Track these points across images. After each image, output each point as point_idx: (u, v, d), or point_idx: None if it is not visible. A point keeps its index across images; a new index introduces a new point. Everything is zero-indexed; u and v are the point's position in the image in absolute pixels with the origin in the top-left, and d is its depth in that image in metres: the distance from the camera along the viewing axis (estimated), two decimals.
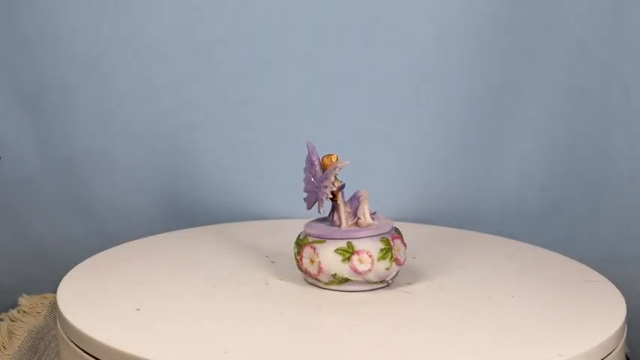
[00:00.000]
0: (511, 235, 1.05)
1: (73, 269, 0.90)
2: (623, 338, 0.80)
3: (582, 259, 0.96)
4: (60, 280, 0.87)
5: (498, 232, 1.08)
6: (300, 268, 0.86)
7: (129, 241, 1.00)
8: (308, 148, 0.87)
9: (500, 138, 1.11)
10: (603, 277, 0.90)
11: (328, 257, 0.84)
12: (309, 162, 0.87)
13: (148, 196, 1.13)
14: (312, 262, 0.85)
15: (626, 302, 0.84)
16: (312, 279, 0.86)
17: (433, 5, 1.07)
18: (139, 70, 1.09)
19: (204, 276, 0.89)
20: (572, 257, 0.97)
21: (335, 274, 0.84)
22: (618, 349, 0.78)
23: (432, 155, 1.11)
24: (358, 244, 0.84)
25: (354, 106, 1.10)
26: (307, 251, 0.85)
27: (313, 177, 0.87)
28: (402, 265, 0.86)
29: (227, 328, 0.77)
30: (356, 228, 0.86)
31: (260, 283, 0.87)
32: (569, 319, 0.80)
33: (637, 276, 1.05)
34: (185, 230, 1.05)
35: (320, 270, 0.84)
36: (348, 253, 0.84)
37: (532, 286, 0.88)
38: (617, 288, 0.87)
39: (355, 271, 0.84)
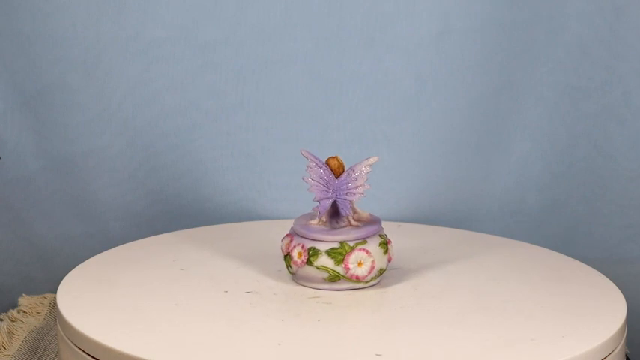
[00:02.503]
0: (511, 235, 1.05)
1: (73, 269, 0.90)
2: (623, 338, 0.80)
3: (582, 259, 0.96)
4: (60, 280, 0.87)
5: (498, 233, 1.08)
6: (340, 276, 0.85)
7: (129, 241, 1.00)
8: (307, 157, 0.86)
9: (500, 138, 1.11)
10: (604, 277, 0.90)
11: (377, 254, 0.85)
12: (316, 168, 0.85)
13: (148, 196, 1.13)
14: (360, 264, 0.85)
15: (627, 302, 0.84)
16: (356, 282, 0.85)
17: (433, 5, 1.07)
18: (138, 70, 1.09)
19: (205, 277, 0.89)
20: (572, 257, 0.96)
21: (381, 269, 0.86)
22: (618, 349, 0.78)
23: (432, 155, 1.11)
24: (386, 235, 0.87)
25: (354, 106, 1.10)
26: (356, 255, 0.85)
27: (328, 182, 0.86)
28: None
29: (227, 328, 0.77)
30: (367, 222, 0.87)
31: (262, 284, 0.87)
32: (569, 318, 0.80)
33: (637, 276, 1.05)
34: (185, 231, 1.04)
35: (372, 269, 0.85)
36: (385, 245, 0.86)
37: (532, 285, 0.88)
38: (617, 288, 0.87)
39: (389, 260, 0.87)
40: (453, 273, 0.91)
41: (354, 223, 0.86)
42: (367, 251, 0.85)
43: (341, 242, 0.85)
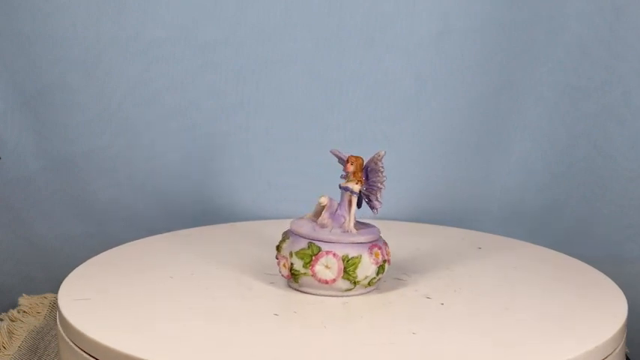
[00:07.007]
0: (511, 235, 1.05)
1: (73, 270, 0.90)
2: (624, 338, 0.80)
3: (582, 259, 0.96)
4: (60, 280, 0.87)
5: (498, 232, 1.08)
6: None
7: (129, 241, 1.00)
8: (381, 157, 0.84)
9: (500, 138, 1.11)
10: (605, 276, 0.90)
11: None
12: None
13: (148, 196, 1.13)
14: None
15: (627, 302, 0.84)
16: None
17: (433, 5, 1.07)
18: (138, 70, 1.09)
19: (205, 277, 0.89)
20: (572, 257, 0.96)
21: None
22: (619, 349, 0.78)
23: (432, 155, 1.11)
24: None
25: (354, 106, 1.10)
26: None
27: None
28: None
29: (227, 328, 0.77)
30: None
31: (262, 284, 0.87)
32: (570, 318, 0.80)
33: (637, 276, 1.05)
34: (185, 230, 1.04)
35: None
36: None
37: (532, 285, 0.88)
38: (618, 288, 0.87)
39: None
40: (453, 272, 0.91)
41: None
42: None
43: (379, 233, 0.87)
